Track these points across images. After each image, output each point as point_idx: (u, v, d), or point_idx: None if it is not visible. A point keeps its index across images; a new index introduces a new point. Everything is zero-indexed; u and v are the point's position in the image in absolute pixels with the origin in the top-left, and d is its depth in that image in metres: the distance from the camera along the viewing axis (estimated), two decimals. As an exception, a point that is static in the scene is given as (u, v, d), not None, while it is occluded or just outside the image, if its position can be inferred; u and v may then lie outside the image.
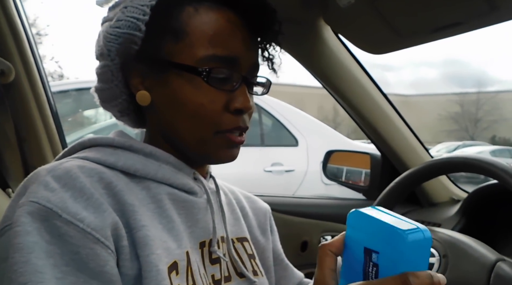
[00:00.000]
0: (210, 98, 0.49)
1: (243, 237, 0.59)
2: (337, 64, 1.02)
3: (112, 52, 0.50)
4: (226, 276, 0.53)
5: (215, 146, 0.51)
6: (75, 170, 0.44)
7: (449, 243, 0.69)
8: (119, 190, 0.45)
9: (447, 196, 1.15)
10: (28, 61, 0.93)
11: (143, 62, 0.51)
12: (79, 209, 0.42)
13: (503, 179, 0.70)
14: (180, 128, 0.50)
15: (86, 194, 0.43)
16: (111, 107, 0.56)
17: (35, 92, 0.92)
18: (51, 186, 0.42)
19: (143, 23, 0.49)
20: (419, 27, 0.77)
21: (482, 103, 30.55)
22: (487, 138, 27.62)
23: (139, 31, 0.49)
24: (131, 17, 0.49)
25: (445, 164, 0.80)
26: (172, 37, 0.49)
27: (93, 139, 0.51)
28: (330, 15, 0.88)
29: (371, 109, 1.09)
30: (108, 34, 0.50)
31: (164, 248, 0.45)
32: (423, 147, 1.15)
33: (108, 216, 0.43)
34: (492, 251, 0.67)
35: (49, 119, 0.94)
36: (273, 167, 2.82)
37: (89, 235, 0.41)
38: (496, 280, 0.62)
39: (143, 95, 0.51)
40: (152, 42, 0.50)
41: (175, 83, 0.49)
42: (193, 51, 0.48)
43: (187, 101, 0.49)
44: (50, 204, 0.41)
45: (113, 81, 0.53)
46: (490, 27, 0.71)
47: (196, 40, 0.48)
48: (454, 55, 72.89)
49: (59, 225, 0.40)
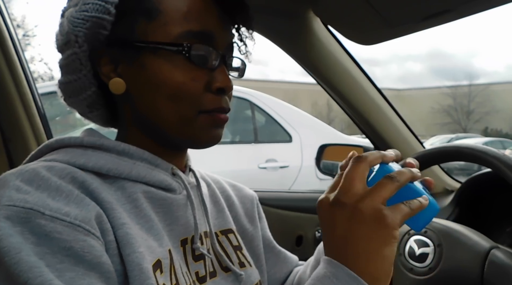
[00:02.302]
0: (192, 76, 0.47)
1: (228, 229, 0.58)
2: (327, 56, 1.01)
3: (80, 37, 0.47)
4: (211, 272, 0.52)
5: (200, 127, 0.48)
6: (44, 172, 0.41)
7: (443, 232, 0.69)
8: (95, 188, 0.43)
9: (440, 186, 1.14)
10: (13, 61, 0.92)
11: (114, 47, 0.48)
12: (61, 205, 0.39)
13: (495, 166, 0.70)
14: (162, 110, 0.48)
15: (65, 191, 0.41)
16: (78, 102, 0.52)
17: (21, 92, 0.91)
18: (24, 189, 0.40)
19: (112, 6, 0.46)
20: (409, 16, 0.76)
21: (474, 96, 30.83)
22: (480, 130, 27.90)
23: (109, 14, 0.46)
24: (99, 0, 0.47)
25: (438, 154, 0.80)
26: (144, 17, 0.47)
27: (61, 140, 0.49)
28: (319, 6, 0.88)
29: (362, 101, 1.08)
30: (75, 19, 0.47)
31: (146, 246, 0.44)
32: (416, 139, 1.15)
33: (92, 209, 0.41)
34: (486, 239, 0.66)
35: (36, 119, 0.92)
36: (268, 164, 2.82)
37: (78, 227, 0.39)
38: (491, 267, 0.62)
39: (117, 83, 0.48)
40: (124, 25, 0.47)
41: (152, 64, 0.47)
42: (168, 28, 0.47)
43: (167, 80, 0.46)
44: (29, 204, 0.38)
45: (81, 71, 0.49)
46: (474, 19, 0.71)
47: (170, 17, 0.47)
48: (438, 48, 73.60)
49: (43, 224, 0.38)
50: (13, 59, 0.92)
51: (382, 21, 0.78)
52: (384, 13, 0.76)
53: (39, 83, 4.79)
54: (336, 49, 1.02)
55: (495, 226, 0.88)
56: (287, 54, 1.03)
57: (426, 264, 0.68)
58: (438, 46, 74.27)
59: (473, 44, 78.52)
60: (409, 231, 0.73)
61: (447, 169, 1.19)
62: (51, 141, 0.49)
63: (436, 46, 74.11)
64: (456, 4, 0.68)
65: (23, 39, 9.85)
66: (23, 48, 1.02)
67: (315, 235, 1.14)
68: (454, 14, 0.71)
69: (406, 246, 0.72)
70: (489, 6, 0.68)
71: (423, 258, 0.68)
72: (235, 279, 0.53)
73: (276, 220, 1.09)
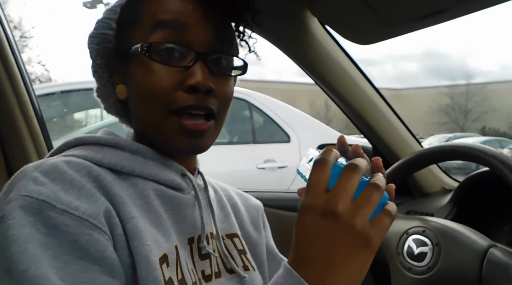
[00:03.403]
0: (159, 75, 0.47)
1: (233, 233, 0.59)
2: (325, 56, 1.01)
3: (92, 53, 0.53)
4: (216, 272, 0.53)
5: (170, 130, 0.48)
6: (62, 165, 0.44)
7: (441, 231, 0.69)
8: (108, 183, 0.45)
9: (438, 186, 1.15)
10: (9, 63, 0.91)
11: (118, 58, 0.52)
12: (72, 199, 0.41)
13: (493, 165, 0.70)
14: (139, 112, 0.51)
15: (78, 185, 0.43)
16: (110, 109, 0.58)
17: (17, 93, 0.91)
18: (41, 180, 0.42)
19: (114, 22, 0.52)
20: (406, 16, 0.76)
21: (472, 95, 30.91)
22: (477, 129, 27.97)
23: (111, 30, 0.52)
24: (104, 18, 0.53)
25: (435, 153, 0.80)
26: (131, 26, 0.51)
27: (79, 138, 0.51)
28: (316, 6, 0.88)
29: (360, 101, 1.08)
30: (89, 37, 0.53)
31: (153, 240, 0.45)
32: (414, 138, 1.15)
33: (102, 204, 0.43)
34: (484, 238, 0.67)
35: (33, 120, 0.92)
36: (266, 164, 2.81)
37: (85, 221, 0.41)
38: (489, 266, 0.62)
39: (119, 88, 0.52)
40: (122, 37, 0.52)
41: (132, 69, 0.50)
42: (143, 30, 0.49)
43: (139, 83, 0.49)
44: (43, 196, 0.40)
45: (100, 81, 0.55)
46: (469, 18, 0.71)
47: (146, 19, 0.49)
48: (433, 47, 73.80)
49: (54, 216, 0.40)
50: (9, 60, 0.92)
51: (379, 20, 0.78)
52: (381, 12, 0.76)
53: (37, 84, 4.78)
54: (334, 49, 1.02)
55: (493, 225, 0.88)
56: (285, 54, 1.03)
57: (424, 263, 0.68)
58: (432, 46, 74.59)
59: (467, 43, 78.91)
60: (407, 231, 0.73)
61: (445, 168, 1.19)
62: (70, 139, 0.52)
63: (430, 46, 74.45)
64: (452, 4, 0.68)
65: (20, 40, 9.82)
66: (21, 49, 1.01)
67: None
68: (450, 14, 0.72)
69: (404, 245, 0.72)
70: (484, 5, 0.68)
71: (422, 258, 0.69)
72: (238, 281, 0.54)
73: (275, 220, 1.09)
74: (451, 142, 0.83)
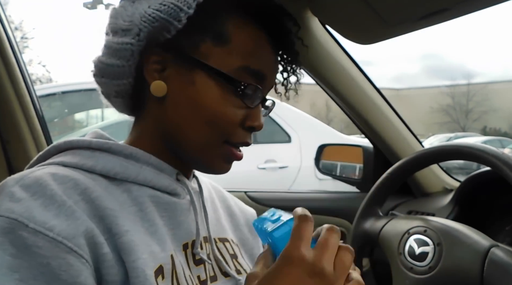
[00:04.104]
0: (234, 110, 0.49)
1: (224, 238, 0.58)
2: (325, 56, 1.01)
3: (143, 32, 0.47)
4: (211, 276, 0.52)
5: (218, 155, 0.51)
6: (46, 178, 0.42)
7: (443, 231, 0.69)
8: (97, 196, 0.43)
9: (440, 186, 1.14)
10: (10, 63, 0.92)
11: (169, 52, 0.49)
12: (48, 217, 0.39)
13: (494, 165, 0.70)
14: (192, 129, 0.49)
15: (58, 201, 0.40)
16: (109, 84, 0.51)
17: (19, 94, 0.91)
18: (17, 196, 0.40)
19: (185, 15, 0.47)
20: (407, 15, 0.76)
21: (472, 95, 30.87)
22: (478, 129, 27.93)
23: (178, 22, 0.47)
24: (175, 6, 0.47)
25: (436, 153, 0.80)
26: (212, 39, 0.48)
27: (69, 142, 0.49)
28: (317, 6, 0.88)
29: (361, 101, 1.08)
30: (147, 15, 0.47)
31: (149, 252, 0.44)
32: (415, 138, 1.15)
33: (82, 223, 0.40)
34: (485, 238, 0.66)
35: (34, 120, 0.92)
36: (267, 164, 2.81)
37: (60, 244, 0.38)
38: (490, 266, 0.62)
39: (160, 86, 0.48)
40: (190, 37, 0.48)
41: (203, 85, 0.48)
42: (231, 59, 0.48)
43: (210, 105, 0.48)
44: (14, 214, 0.38)
45: (128, 61, 0.49)
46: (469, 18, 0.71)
47: (237, 49, 0.49)
48: (433, 47, 73.75)
49: (25, 236, 0.37)
50: (11, 61, 0.92)
51: (380, 20, 0.78)
52: (382, 12, 0.76)
53: (38, 85, 4.79)
54: (334, 48, 1.02)
55: (494, 225, 0.88)
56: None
57: (426, 263, 0.68)
58: (432, 46, 74.50)
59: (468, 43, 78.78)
60: (409, 231, 0.73)
61: (446, 168, 1.19)
62: (60, 143, 0.50)
63: (430, 46, 74.36)
64: (453, 3, 0.68)
65: (21, 41, 9.84)
66: (22, 50, 1.02)
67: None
68: (451, 13, 0.71)
69: (406, 245, 0.72)
70: (485, 5, 0.68)
71: (423, 257, 0.68)
72: (233, 284, 0.54)
73: (276, 221, 1.09)
74: (452, 142, 0.83)
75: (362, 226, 0.82)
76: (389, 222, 0.78)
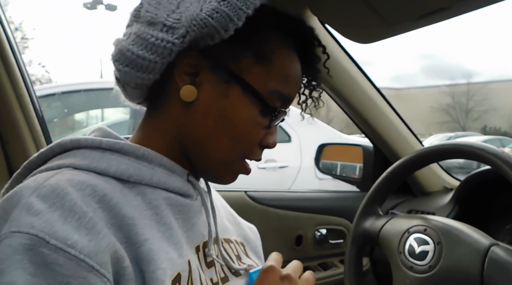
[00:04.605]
0: (259, 129, 0.50)
1: (228, 239, 0.59)
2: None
3: (189, 34, 0.45)
4: (222, 277, 0.52)
5: (231, 170, 0.51)
6: (64, 186, 0.39)
7: (443, 230, 0.69)
8: (116, 203, 0.42)
9: (440, 185, 1.14)
10: (10, 63, 0.92)
11: (207, 58, 0.47)
12: (69, 232, 0.37)
13: (494, 163, 0.69)
14: (214, 140, 0.49)
15: (78, 213, 0.38)
16: (131, 74, 0.47)
17: (18, 93, 0.91)
18: (35, 208, 0.38)
19: (233, 26, 0.46)
20: (406, 14, 0.76)
21: (472, 94, 30.85)
22: (478, 129, 27.91)
23: (225, 32, 0.46)
24: (226, 15, 0.45)
25: (436, 152, 0.80)
26: (254, 55, 0.48)
27: (76, 140, 0.46)
28: (316, 5, 0.87)
29: (361, 100, 1.08)
30: (199, 19, 0.45)
31: (167, 260, 0.43)
32: (415, 138, 1.15)
33: (104, 237, 0.39)
34: (485, 236, 0.66)
35: (34, 120, 0.92)
36: (267, 164, 2.81)
37: (82, 262, 0.36)
38: (490, 264, 0.62)
39: (191, 92, 0.47)
40: (232, 49, 0.47)
41: (236, 100, 0.48)
42: (269, 80, 0.49)
43: (239, 122, 0.48)
44: (34, 230, 0.36)
45: (164, 59, 0.46)
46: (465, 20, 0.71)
47: (275, 70, 0.49)
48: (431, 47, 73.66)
49: (46, 253, 0.36)
50: (10, 61, 0.92)
51: (379, 19, 0.78)
52: (381, 11, 0.76)
53: (37, 85, 4.79)
54: (334, 48, 1.02)
55: (494, 224, 0.88)
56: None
57: (426, 262, 0.68)
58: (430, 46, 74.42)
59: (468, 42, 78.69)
60: (409, 229, 0.73)
61: (447, 168, 1.19)
62: (65, 141, 0.47)
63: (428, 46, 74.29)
64: (453, 2, 0.68)
65: (21, 42, 9.84)
66: (22, 51, 1.02)
67: (315, 235, 1.14)
68: (451, 12, 0.71)
69: (406, 244, 0.71)
70: (485, 3, 0.68)
71: (423, 256, 0.68)
72: (245, 283, 0.54)
73: (276, 220, 1.09)
74: (452, 141, 0.83)
75: (362, 225, 0.82)
76: (389, 221, 0.78)
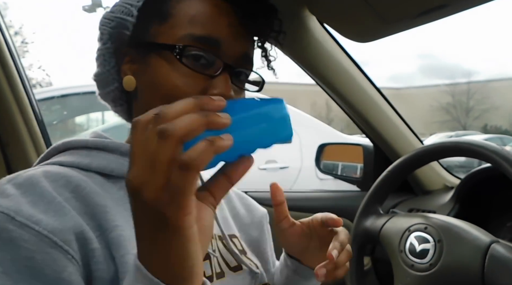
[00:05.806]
0: (185, 80, 0.47)
1: (232, 234, 0.59)
2: (324, 55, 1.01)
3: (104, 35, 0.51)
4: (218, 273, 0.52)
5: None
6: (38, 176, 0.42)
7: (443, 227, 0.69)
8: (88, 193, 0.44)
9: (440, 183, 1.14)
10: (9, 67, 0.92)
11: (133, 47, 0.51)
12: (36, 212, 0.39)
13: (494, 161, 0.69)
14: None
15: (47, 198, 0.41)
16: (105, 96, 0.55)
17: (17, 97, 0.91)
18: (7, 192, 0.41)
19: (135, 9, 0.50)
20: (405, 12, 0.76)
21: (473, 93, 30.84)
22: (479, 127, 27.89)
23: (131, 16, 0.50)
24: (125, 2, 0.51)
25: (436, 149, 0.80)
26: (158, 20, 0.49)
27: (67, 142, 0.51)
28: (314, 4, 0.87)
29: (361, 100, 1.08)
30: (103, 18, 0.51)
31: None
32: (415, 137, 1.15)
33: (70, 219, 0.41)
34: (486, 234, 0.66)
35: (33, 124, 0.93)
36: (267, 165, 2.81)
37: (45, 238, 0.38)
38: (491, 262, 0.61)
39: (128, 79, 0.50)
40: (141, 26, 0.50)
41: (155, 64, 0.48)
42: (174, 31, 0.48)
43: (162, 81, 0.47)
44: (1, 208, 0.39)
45: (105, 66, 0.52)
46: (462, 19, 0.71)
47: (178, 21, 0.48)
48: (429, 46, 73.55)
49: (11, 229, 0.38)
50: (9, 65, 0.92)
51: (378, 17, 0.78)
52: (379, 9, 0.76)
53: (37, 89, 4.80)
54: (333, 47, 1.01)
55: (495, 221, 0.88)
56: (284, 54, 1.03)
57: (426, 260, 0.68)
58: (428, 45, 74.38)
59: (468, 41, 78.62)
60: (409, 228, 0.73)
61: (447, 166, 1.19)
62: (58, 144, 0.51)
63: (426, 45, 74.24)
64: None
65: (21, 46, 9.87)
66: (22, 55, 1.02)
67: (316, 235, 1.13)
68: (450, 9, 0.71)
69: (406, 242, 0.71)
70: (484, 0, 0.68)
71: (424, 254, 0.68)
72: (245, 278, 0.54)
73: (277, 220, 1.09)
74: (452, 139, 0.82)
75: (363, 225, 0.81)
76: (389, 220, 0.78)
